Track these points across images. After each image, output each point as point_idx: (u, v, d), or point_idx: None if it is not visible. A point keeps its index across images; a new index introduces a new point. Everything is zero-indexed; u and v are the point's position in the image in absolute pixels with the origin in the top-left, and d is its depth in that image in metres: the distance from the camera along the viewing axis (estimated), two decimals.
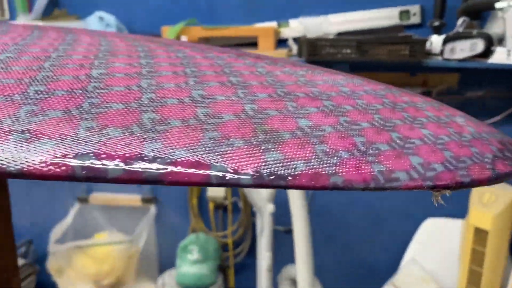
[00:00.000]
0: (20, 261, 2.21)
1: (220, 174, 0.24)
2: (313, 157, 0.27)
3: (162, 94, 0.32)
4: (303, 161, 0.26)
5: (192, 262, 2.02)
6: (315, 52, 1.66)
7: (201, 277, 2.02)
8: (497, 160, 0.35)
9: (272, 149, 0.27)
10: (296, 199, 1.74)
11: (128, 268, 2.08)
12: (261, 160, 0.26)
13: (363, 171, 0.27)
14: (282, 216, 1.89)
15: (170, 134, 0.26)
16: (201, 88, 0.34)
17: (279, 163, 0.26)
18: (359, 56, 1.62)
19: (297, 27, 1.88)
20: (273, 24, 1.90)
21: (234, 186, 0.24)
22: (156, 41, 0.53)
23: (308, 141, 0.28)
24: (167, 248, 2.22)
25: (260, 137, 0.27)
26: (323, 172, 0.26)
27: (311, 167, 0.26)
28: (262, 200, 1.89)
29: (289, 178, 0.25)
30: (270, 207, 1.92)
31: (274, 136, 0.28)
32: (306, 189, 0.26)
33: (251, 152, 0.26)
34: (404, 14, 1.84)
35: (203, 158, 0.25)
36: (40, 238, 2.22)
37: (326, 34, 1.84)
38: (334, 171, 0.27)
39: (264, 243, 1.94)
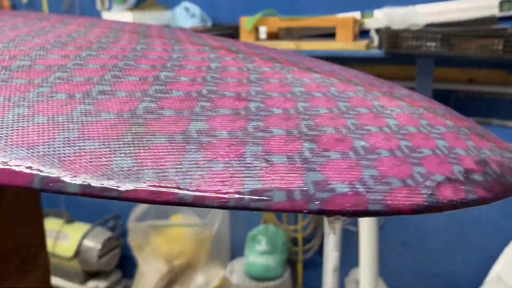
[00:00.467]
0: (107, 234, 2.39)
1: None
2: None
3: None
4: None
5: (259, 252, 2.03)
6: (396, 44, 1.55)
7: (268, 269, 2.02)
8: (447, 184, 0.28)
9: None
10: None
11: (200, 252, 2.14)
12: None
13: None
14: None
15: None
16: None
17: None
18: (445, 50, 1.47)
19: (382, 17, 1.77)
20: (356, 14, 1.81)
21: None
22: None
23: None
24: (240, 236, 2.25)
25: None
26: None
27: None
28: None
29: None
30: None
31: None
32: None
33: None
34: (505, 4, 1.64)
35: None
36: (128, 213, 2.38)
37: (412, 25, 1.71)
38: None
39: (332, 242, 1.88)
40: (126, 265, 2.49)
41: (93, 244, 2.33)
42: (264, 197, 0.23)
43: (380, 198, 0.24)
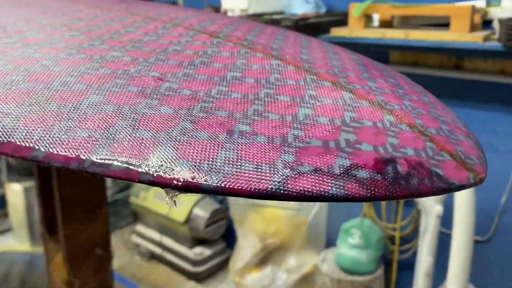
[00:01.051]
0: (215, 205, 2.56)
1: None
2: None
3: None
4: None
5: (351, 245, 2.00)
6: None
7: (359, 263, 1.98)
8: (310, 175, 0.27)
9: None
10: (462, 201, 1.53)
11: (294, 235, 2.18)
12: None
13: None
14: (450, 219, 1.69)
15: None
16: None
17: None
18: None
19: (509, 6, 1.58)
20: (481, 3, 1.64)
21: None
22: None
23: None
24: (338, 226, 2.24)
25: None
26: None
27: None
28: (429, 199, 1.72)
29: None
30: (437, 209, 1.74)
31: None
32: None
33: None
34: None
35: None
36: None
37: None
38: None
39: (426, 246, 1.78)
40: (230, 237, 2.65)
41: (202, 213, 2.53)
42: (104, 164, 0.26)
43: (219, 178, 0.25)
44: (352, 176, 0.28)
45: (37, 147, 0.26)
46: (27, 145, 0.27)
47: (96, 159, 0.27)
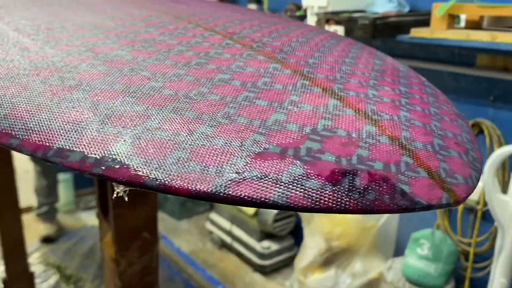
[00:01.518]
0: None
1: None
2: None
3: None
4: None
5: (419, 256, 1.91)
6: None
7: (426, 276, 1.89)
8: (252, 181, 0.27)
9: None
10: None
11: (362, 240, 2.13)
12: None
13: None
14: None
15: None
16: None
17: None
18: None
19: None
20: None
21: None
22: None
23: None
24: (408, 235, 2.15)
25: None
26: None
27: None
28: (509, 216, 1.59)
29: None
30: None
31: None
32: None
33: None
34: None
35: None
36: None
37: None
38: None
39: (500, 266, 1.65)
40: (299, 234, 2.64)
41: None
42: (62, 156, 0.29)
43: (161, 177, 0.27)
44: (300, 185, 0.28)
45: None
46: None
47: (57, 149, 0.30)
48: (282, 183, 0.27)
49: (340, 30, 1.77)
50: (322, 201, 0.27)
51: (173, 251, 2.85)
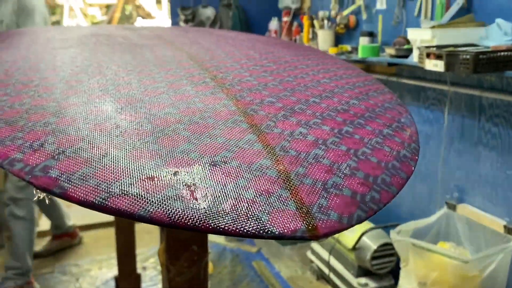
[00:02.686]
0: (386, 239, 2.48)
1: None
2: None
3: None
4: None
5: None
6: None
7: None
8: (123, 196, 0.33)
9: None
10: None
11: None
12: None
13: None
14: None
15: None
16: None
17: None
18: None
19: None
20: None
21: None
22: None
23: None
24: None
25: None
26: None
27: None
28: None
29: None
30: None
31: None
32: None
33: None
34: None
35: None
36: (404, 221, 2.40)
37: None
38: None
39: None
40: (399, 275, 2.52)
41: (370, 243, 2.48)
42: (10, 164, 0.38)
43: (66, 187, 0.35)
44: (167, 204, 0.34)
45: None
46: None
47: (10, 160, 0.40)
48: (153, 201, 0.33)
49: (440, 64, 1.71)
50: (180, 219, 0.32)
51: (272, 274, 2.91)
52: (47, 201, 0.42)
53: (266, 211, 0.31)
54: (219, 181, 0.34)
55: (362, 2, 2.77)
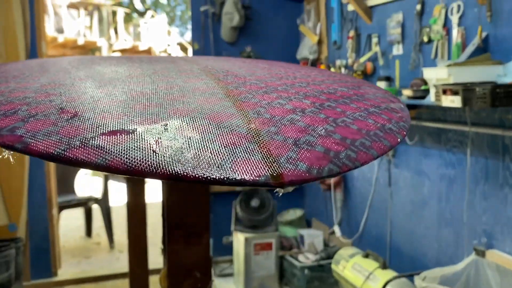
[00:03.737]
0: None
1: None
2: None
3: None
4: None
5: None
6: None
7: None
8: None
9: None
10: None
11: None
12: None
13: None
14: None
15: None
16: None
17: None
18: None
19: None
20: None
21: None
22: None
23: None
24: None
25: None
26: None
27: None
28: None
29: None
30: None
31: None
32: None
33: None
34: None
35: None
36: (426, 267, 2.27)
37: None
38: None
39: None
40: None
41: None
42: None
43: (30, 142, 0.34)
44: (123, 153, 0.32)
45: None
46: None
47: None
48: (110, 152, 0.32)
49: (456, 100, 1.68)
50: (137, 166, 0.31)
51: None
52: (11, 160, 0.41)
53: (230, 160, 0.30)
54: (184, 135, 0.33)
55: (378, 49, 2.81)
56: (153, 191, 5.07)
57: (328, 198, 3.44)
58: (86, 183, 6.04)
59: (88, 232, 4.49)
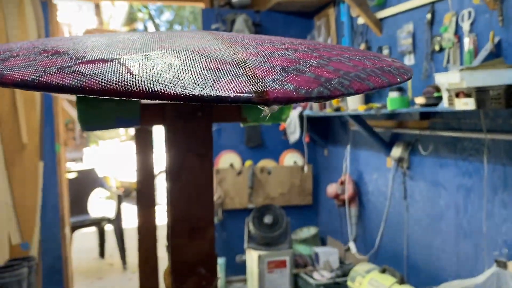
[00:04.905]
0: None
1: None
2: None
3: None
4: None
5: None
6: None
7: None
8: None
9: None
10: None
11: None
12: None
13: None
14: None
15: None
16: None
17: None
18: None
19: None
20: None
21: None
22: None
23: None
24: None
25: None
26: None
27: None
28: None
29: None
30: None
31: None
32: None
33: None
34: None
35: None
36: (445, 281, 2.18)
37: None
38: None
39: None
40: None
41: None
42: None
43: (5, 72, 0.33)
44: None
45: None
46: None
47: None
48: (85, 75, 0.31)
49: (470, 102, 1.64)
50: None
51: None
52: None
53: (211, 80, 0.28)
54: (166, 62, 0.31)
55: None
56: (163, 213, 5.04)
57: (343, 215, 3.37)
58: (100, 205, 6.05)
59: (101, 252, 4.47)
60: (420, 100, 2.21)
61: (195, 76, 0.29)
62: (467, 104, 1.64)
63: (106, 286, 3.75)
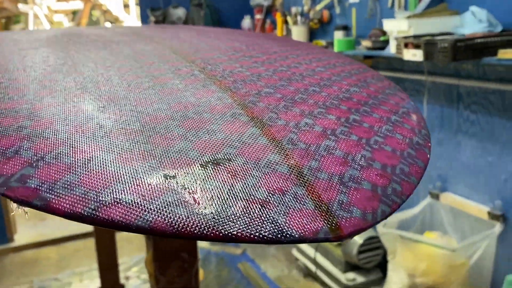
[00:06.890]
0: (371, 233, 2.48)
1: None
2: None
3: None
4: None
5: None
6: None
7: None
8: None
9: None
10: None
11: (451, 278, 1.96)
12: None
13: None
14: None
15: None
16: None
17: None
18: None
19: None
20: None
21: None
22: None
23: None
24: (505, 275, 1.93)
25: None
26: None
27: None
28: None
29: None
30: None
31: None
32: None
33: None
34: None
35: None
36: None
37: None
38: None
39: None
40: (387, 268, 2.51)
41: (356, 238, 2.47)
42: None
43: (50, 197, 0.30)
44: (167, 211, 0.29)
45: None
46: None
47: None
48: (149, 209, 0.29)
49: (418, 54, 1.70)
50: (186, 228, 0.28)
51: (258, 274, 2.87)
52: (26, 216, 0.37)
53: (282, 212, 0.27)
54: (225, 182, 0.30)
55: None
56: None
57: None
58: None
59: None
60: (366, 43, 2.25)
61: (266, 208, 0.28)
62: (415, 55, 1.70)
63: (50, 227, 3.70)
